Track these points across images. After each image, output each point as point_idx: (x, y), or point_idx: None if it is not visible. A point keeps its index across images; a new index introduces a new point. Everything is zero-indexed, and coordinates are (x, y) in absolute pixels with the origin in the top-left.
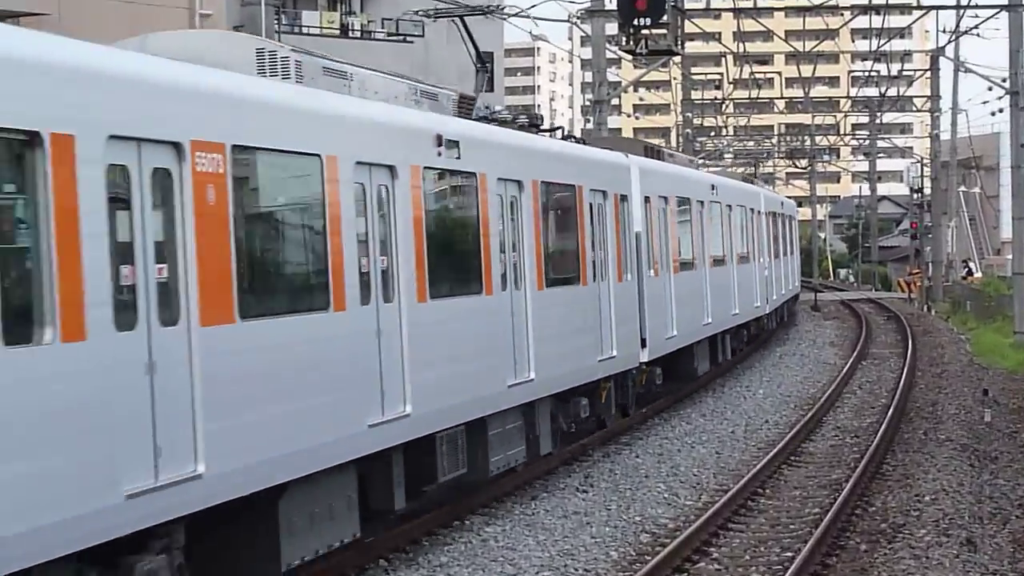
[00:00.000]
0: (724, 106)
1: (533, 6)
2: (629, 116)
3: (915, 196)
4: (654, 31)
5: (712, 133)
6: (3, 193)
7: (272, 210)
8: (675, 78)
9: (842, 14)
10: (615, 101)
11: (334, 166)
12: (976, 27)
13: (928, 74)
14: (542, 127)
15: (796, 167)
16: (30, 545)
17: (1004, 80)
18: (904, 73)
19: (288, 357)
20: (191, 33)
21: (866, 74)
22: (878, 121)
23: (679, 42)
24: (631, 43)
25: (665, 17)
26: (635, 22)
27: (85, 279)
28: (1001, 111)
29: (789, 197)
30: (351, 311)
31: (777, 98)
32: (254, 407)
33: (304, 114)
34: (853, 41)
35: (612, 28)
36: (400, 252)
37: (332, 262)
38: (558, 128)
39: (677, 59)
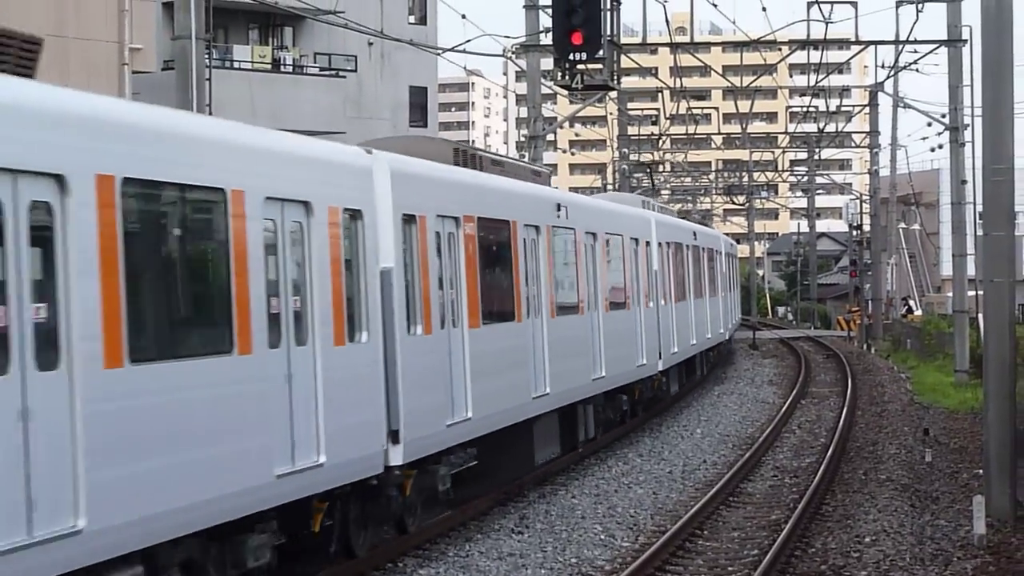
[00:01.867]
0: (661, 142)
1: (467, 41)
2: (565, 152)
3: (854, 233)
4: (590, 66)
5: (649, 169)
6: None
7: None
8: (611, 113)
9: (780, 49)
10: (551, 137)
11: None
12: (915, 63)
13: (867, 110)
14: None
15: (734, 203)
16: None
17: (943, 116)
18: (843, 109)
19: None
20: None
21: (804, 110)
22: (817, 157)
23: (615, 77)
24: (566, 78)
25: (601, 52)
26: (570, 57)
27: None
28: (941, 147)
29: (727, 234)
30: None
31: (715, 134)
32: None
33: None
34: (791, 76)
35: (547, 63)
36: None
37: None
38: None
39: (613, 94)
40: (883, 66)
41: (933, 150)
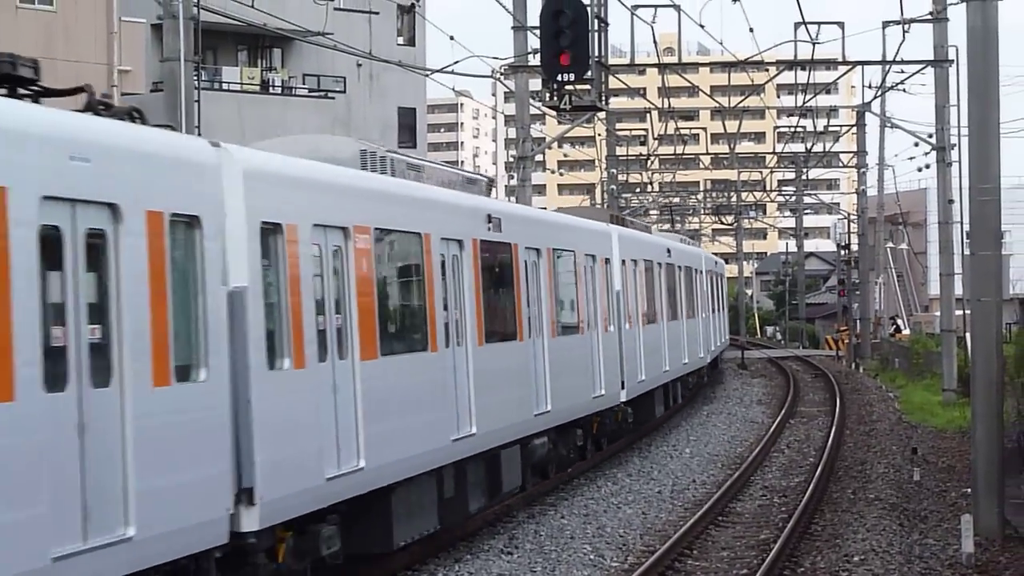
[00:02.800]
0: (649, 162)
1: (456, 62)
2: (554, 172)
3: (842, 253)
4: (578, 87)
5: (637, 189)
6: None
7: None
8: (600, 134)
9: (768, 69)
10: (539, 157)
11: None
12: (902, 83)
13: (854, 130)
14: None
15: (722, 224)
16: None
17: (930, 136)
18: (830, 129)
19: None
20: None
21: (792, 130)
22: (804, 177)
23: (603, 98)
24: (555, 99)
25: (589, 73)
26: (559, 78)
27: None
28: (928, 167)
29: (716, 253)
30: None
31: (703, 154)
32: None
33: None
34: (779, 96)
35: (536, 84)
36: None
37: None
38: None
39: (601, 115)
40: (870, 86)
41: (920, 170)
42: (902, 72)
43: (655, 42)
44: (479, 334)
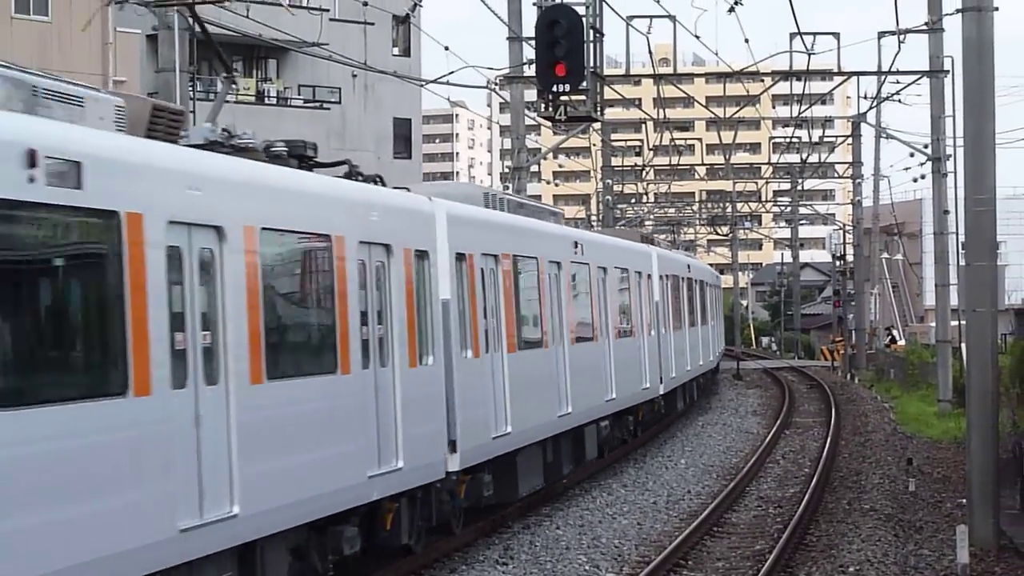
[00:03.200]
0: (645, 173)
1: (451, 72)
2: (549, 183)
3: (837, 263)
4: (573, 97)
5: (632, 200)
6: None
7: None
8: (595, 144)
9: (763, 80)
10: (535, 168)
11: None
12: (897, 93)
13: (850, 140)
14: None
15: (717, 234)
16: None
17: (926, 146)
18: (825, 139)
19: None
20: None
21: (787, 140)
22: (800, 188)
23: (598, 108)
24: (550, 109)
25: (584, 83)
26: (554, 88)
27: None
28: (923, 177)
29: (711, 264)
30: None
31: (698, 164)
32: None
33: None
34: (774, 107)
35: (531, 94)
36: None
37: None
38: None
39: (597, 125)
40: (866, 97)
41: (916, 180)
42: (897, 83)
43: (650, 53)
44: (571, 336)
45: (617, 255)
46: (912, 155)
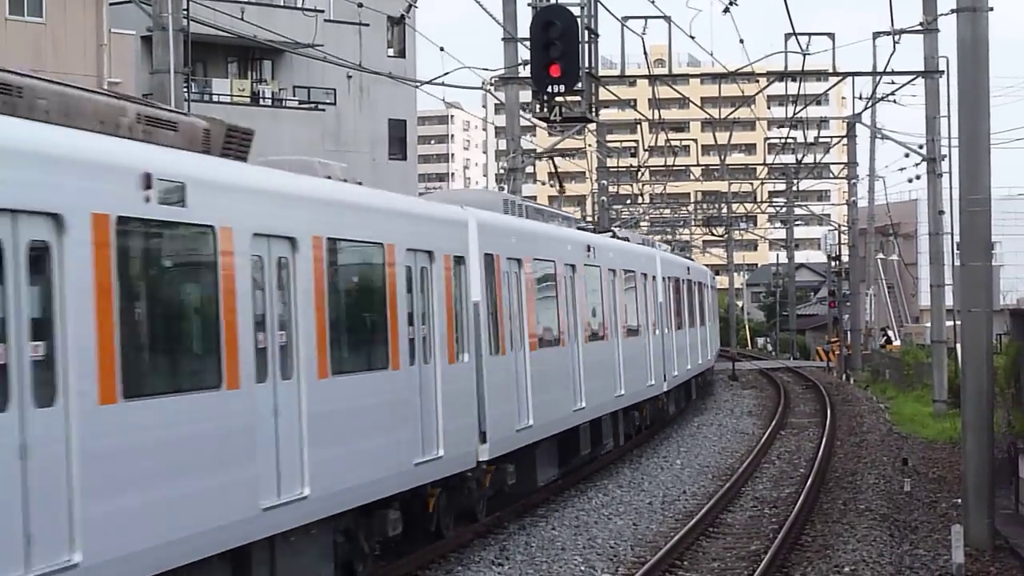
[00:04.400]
0: (640, 173)
1: (446, 73)
2: (544, 184)
3: (833, 264)
4: (568, 98)
5: (628, 201)
6: None
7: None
8: (590, 145)
9: (758, 81)
10: (530, 169)
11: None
12: (893, 94)
13: (845, 141)
14: None
15: (713, 235)
16: None
17: (921, 147)
18: (821, 140)
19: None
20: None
21: (783, 141)
22: (795, 188)
23: (593, 109)
24: (545, 110)
25: (579, 84)
26: (549, 89)
27: None
28: (918, 178)
29: (706, 265)
30: None
31: (693, 165)
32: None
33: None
34: (769, 108)
35: (526, 95)
36: None
37: None
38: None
39: (592, 126)
40: (861, 97)
41: (911, 181)
42: (893, 83)
43: (645, 54)
44: (584, 334)
45: (626, 258)
46: (907, 155)
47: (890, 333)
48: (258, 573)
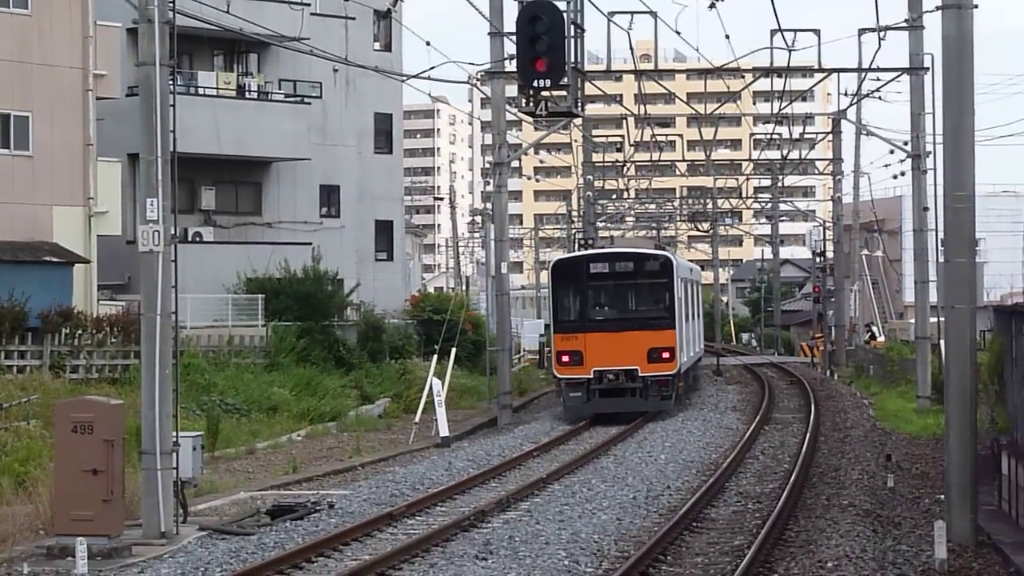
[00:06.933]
0: (626, 168)
1: (432, 67)
2: (530, 178)
3: (818, 260)
4: (554, 92)
5: (613, 196)
6: None
7: None
8: (576, 140)
9: (743, 76)
10: (515, 163)
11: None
12: (878, 90)
13: (830, 137)
14: None
15: (698, 230)
16: None
17: (906, 143)
18: (806, 136)
19: None
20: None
21: (768, 137)
22: (780, 184)
23: (579, 104)
24: (531, 105)
25: (565, 79)
26: (535, 84)
27: None
28: (903, 174)
29: (691, 260)
30: None
31: (679, 160)
32: None
33: None
34: (755, 104)
35: (512, 90)
36: None
37: None
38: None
39: (578, 121)
40: (846, 94)
41: (896, 177)
42: (878, 79)
43: (631, 48)
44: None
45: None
46: (892, 152)
47: (874, 329)
48: None
